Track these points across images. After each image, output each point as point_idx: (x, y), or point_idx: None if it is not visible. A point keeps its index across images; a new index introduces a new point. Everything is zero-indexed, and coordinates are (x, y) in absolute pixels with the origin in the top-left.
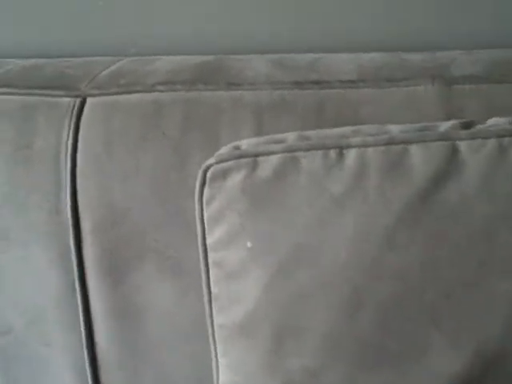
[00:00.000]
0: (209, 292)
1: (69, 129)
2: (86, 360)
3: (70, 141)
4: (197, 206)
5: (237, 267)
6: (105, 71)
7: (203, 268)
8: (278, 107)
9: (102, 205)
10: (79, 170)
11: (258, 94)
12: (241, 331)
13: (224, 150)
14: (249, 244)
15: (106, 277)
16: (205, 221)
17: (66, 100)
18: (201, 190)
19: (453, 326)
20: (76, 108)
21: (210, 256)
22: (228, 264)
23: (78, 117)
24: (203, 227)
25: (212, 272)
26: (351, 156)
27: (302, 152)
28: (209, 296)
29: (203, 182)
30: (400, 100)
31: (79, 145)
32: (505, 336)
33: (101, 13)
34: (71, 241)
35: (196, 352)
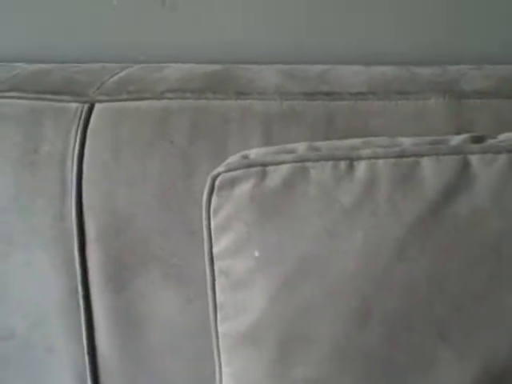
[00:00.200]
0: (214, 300)
1: (76, 134)
2: (88, 366)
3: (77, 146)
4: (204, 215)
5: (243, 276)
6: (113, 77)
7: (209, 276)
8: (288, 118)
9: (108, 211)
10: (85, 176)
11: (268, 104)
12: (246, 340)
13: (233, 159)
14: (256, 253)
15: (110, 283)
16: (212, 229)
17: (74, 105)
18: (208, 199)
19: (461, 340)
20: (84, 114)
21: (216, 264)
22: (234, 273)
23: (86, 122)
24: (210, 235)
25: (218, 280)
26: (361, 168)
27: (312, 162)
28: (214, 304)
29: (211, 191)
30: (410, 113)
31: (86, 150)
32: None
33: (111, 19)
34: (75, 246)
35: (199, 360)
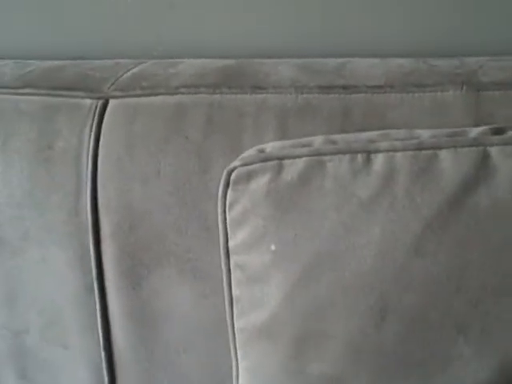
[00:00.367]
0: (230, 295)
1: (90, 130)
2: (103, 362)
3: (92, 142)
4: (219, 209)
5: (259, 271)
6: (127, 73)
7: (225, 271)
8: (303, 111)
9: (122, 207)
10: (100, 172)
11: (283, 98)
12: (261, 335)
13: (248, 153)
14: (272, 247)
15: (125, 279)
16: (227, 224)
17: (89, 102)
18: (224, 193)
19: (479, 336)
20: (98, 110)
21: (232, 259)
22: (250, 267)
23: (100, 118)
24: (225, 230)
25: (234, 275)
26: (379, 161)
27: (329, 156)
28: (230, 299)
29: (227, 185)
30: (428, 105)
31: (100, 146)
32: None
33: (124, 15)
34: (90, 242)
35: (215, 356)
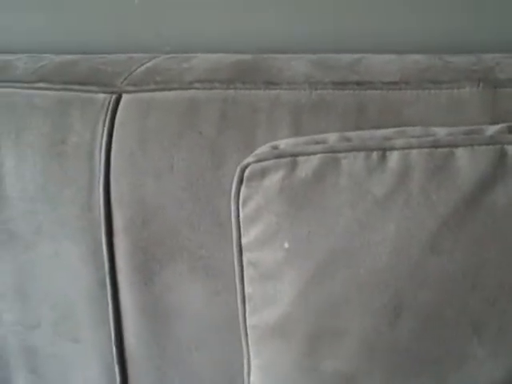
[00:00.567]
0: (242, 292)
1: (103, 125)
2: (115, 357)
3: (105, 137)
4: (233, 206)
5: (272, 268)
6: (141, 68)
7: (237, 268)
8: (317, 107)
9: (135, 202)
10: (113, 167)
11: (297, 94)
12: (274, 333)
13: (262, 149)
14: (286, 245)
15: (137, 274)
16: (240, 220)
17: (102, 96)
18: (237, 189)
19: (495, 335)
20: (111, 104)
21: (245, 256)
22: (263, 264)
23: (113, 113)
24: (238, 227)
25: (246, 272)
26: (394, 158)
27: (343, 153)
28: (242, 296)
29: (240, 181)
30: (444, 103)
31: (114, 141)
32: None
33: (137, 9)
34: (103, 237)
35: (226, 353)
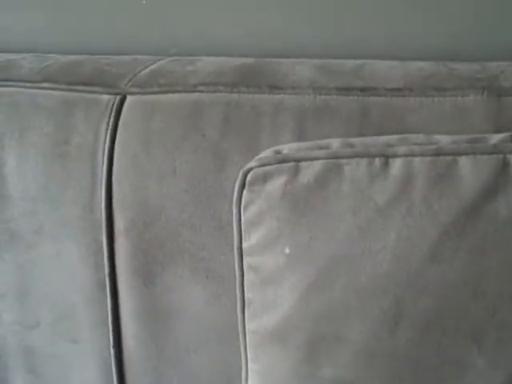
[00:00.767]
0: (242, 297)
1: (107, 126)
2: (113, 359)
3: (108, 138)
4: (234, 210)
5: (273, 273)
6: (145, 70)
7: (238, 272)
8: (321, 112)
9: (137, 204)
10: (115, 168)
11: (301, 99)
12: (273, 338)
13: (265, 154)
14: (287, 250)
15: (137, 276)
16: (242, 224)
17: (106, 97)
18: (239, 193)
19: (494, 346)
20: (115, 106)
21: (246, 260)
22: (264, 269)
23: (117, 114)
24: (240, 231)
25: (247, 276)
26: (397, 165)
27: (346, 159)
28: (242, 301)
29: (242, 185)
30: (448, 110)
31: (117, 143)
32: None
33: (142, 12)
34: (104, 238)
35: (225, 357)
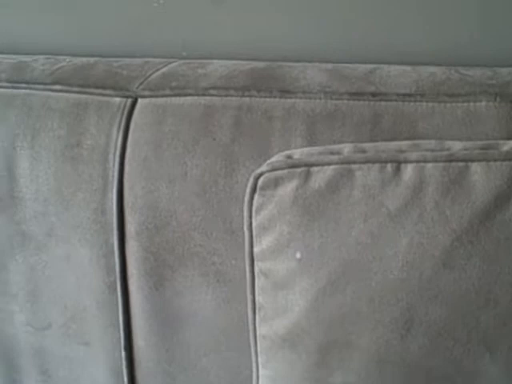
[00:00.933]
0: (253, 301)
1: (118, 129)
2: (124, 361)
3: (120, 141)
4: (245, 214)
5: (284, 278)
6: (157, 73)
7: (249, 276)
8: (332, 117)
9: (148, 207)
10: (127, 171)
11: (312, 103)
12: (284, 343)
13: (276, 159)
14: (298, 255)
15: (148, 279)
16: (253, 229)
17: (117, 100)
18: (251, 198)
19: (506, 353)
20: (127, 108)
21: (257, 265)
22: (275, 274)
23: (129, 117)
24: (251, 235)
25: (258, 281)
26: (409, 171)
27: (358, 165)
28: (253, 305)
29: (254, 190)
30: (460, 116)
31: (128, 146)
32: None
33: (154, 14)
34: (115, 241)
35: (235, 361)
